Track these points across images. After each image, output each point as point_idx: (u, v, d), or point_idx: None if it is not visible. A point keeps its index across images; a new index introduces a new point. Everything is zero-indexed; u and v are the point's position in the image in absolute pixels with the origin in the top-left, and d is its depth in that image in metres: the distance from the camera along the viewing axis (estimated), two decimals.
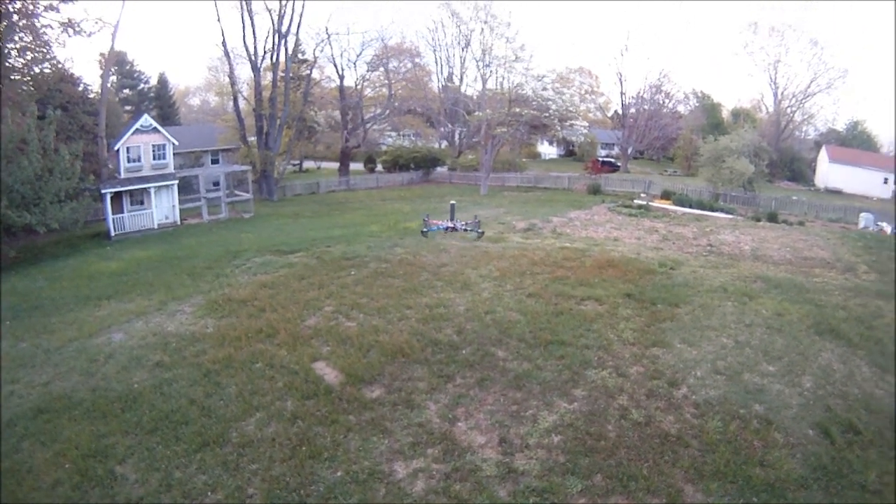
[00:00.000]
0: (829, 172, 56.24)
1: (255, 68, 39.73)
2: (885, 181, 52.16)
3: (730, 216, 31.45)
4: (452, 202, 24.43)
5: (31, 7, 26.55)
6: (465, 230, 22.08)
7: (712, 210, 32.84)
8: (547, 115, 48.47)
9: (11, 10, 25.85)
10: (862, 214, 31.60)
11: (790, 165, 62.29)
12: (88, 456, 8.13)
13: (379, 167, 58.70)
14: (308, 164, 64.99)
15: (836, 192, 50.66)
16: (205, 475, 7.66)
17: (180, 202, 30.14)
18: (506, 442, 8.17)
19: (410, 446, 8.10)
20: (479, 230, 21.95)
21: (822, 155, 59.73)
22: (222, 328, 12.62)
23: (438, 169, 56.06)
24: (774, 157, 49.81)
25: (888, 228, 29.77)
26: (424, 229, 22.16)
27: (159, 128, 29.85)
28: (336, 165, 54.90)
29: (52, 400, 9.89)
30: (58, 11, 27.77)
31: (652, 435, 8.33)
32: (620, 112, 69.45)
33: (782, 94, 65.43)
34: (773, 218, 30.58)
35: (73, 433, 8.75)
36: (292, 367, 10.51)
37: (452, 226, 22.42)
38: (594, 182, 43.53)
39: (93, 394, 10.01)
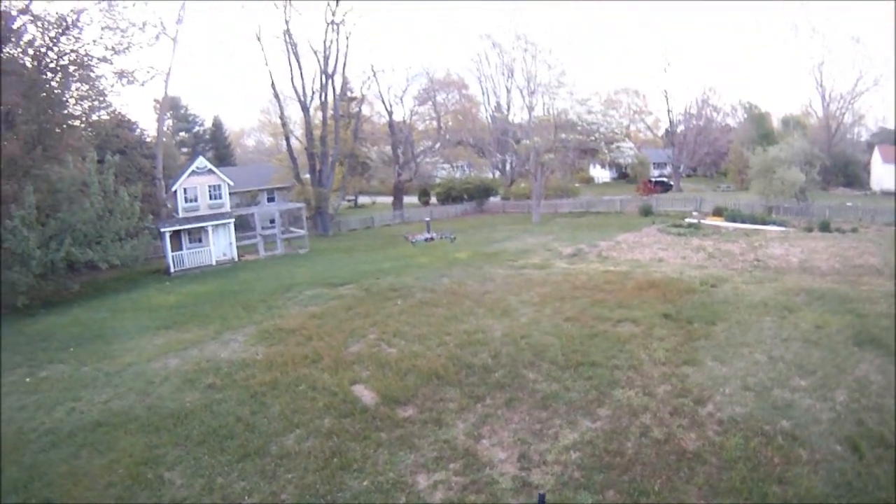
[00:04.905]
0: (884, 174, 52.84)
1: (305, 108, 41.75)
2: None
3: (781, 228, 30.44)
4: (427, 219, 31.52)
5: (84, 59, 28.12)
6: (443, 238, 28.17)
7: (764, 224, 31.80)
8: (593, 138, 48.49)
9: (67, 61, 27.50)
10: None
11: (844, 170, 59.07)
12: (140, 463, 9.12)
13: (433, 199, 59.41)
14: (363, 200, 66.59)
15: (893, 194, 47.60)
16: (244, 482, 8.46)
17: (238, 239, 31.71)
18: (525, 458, 8.53)
19: (434, 460, 8.60)
20: (452, 237, 28.99)
21: (876, 156, 56.34)
22: (271, 355, 13.58)
23: (492, 199, 55.97)
24: (827, 163, 47.14)
25: None
26: (412, 241, 27.40)
27: (214, 169, 31.61)
28: (390, 200, 56.12)
29: (110, 415, 11.03)
30: (111, 63, 29.65)
31: (670, 452, 8.46)
32: (669, 130, 68.42)
33: (829, 96, 62.73)
34: (825, 227, 29.36)
35: (128, 444, 9.80)
36: (333, 389, 11.26)
37: (431, 236, 28.78)
38: (645, 203, 42.93)
39: (148, 411, 11.11)
